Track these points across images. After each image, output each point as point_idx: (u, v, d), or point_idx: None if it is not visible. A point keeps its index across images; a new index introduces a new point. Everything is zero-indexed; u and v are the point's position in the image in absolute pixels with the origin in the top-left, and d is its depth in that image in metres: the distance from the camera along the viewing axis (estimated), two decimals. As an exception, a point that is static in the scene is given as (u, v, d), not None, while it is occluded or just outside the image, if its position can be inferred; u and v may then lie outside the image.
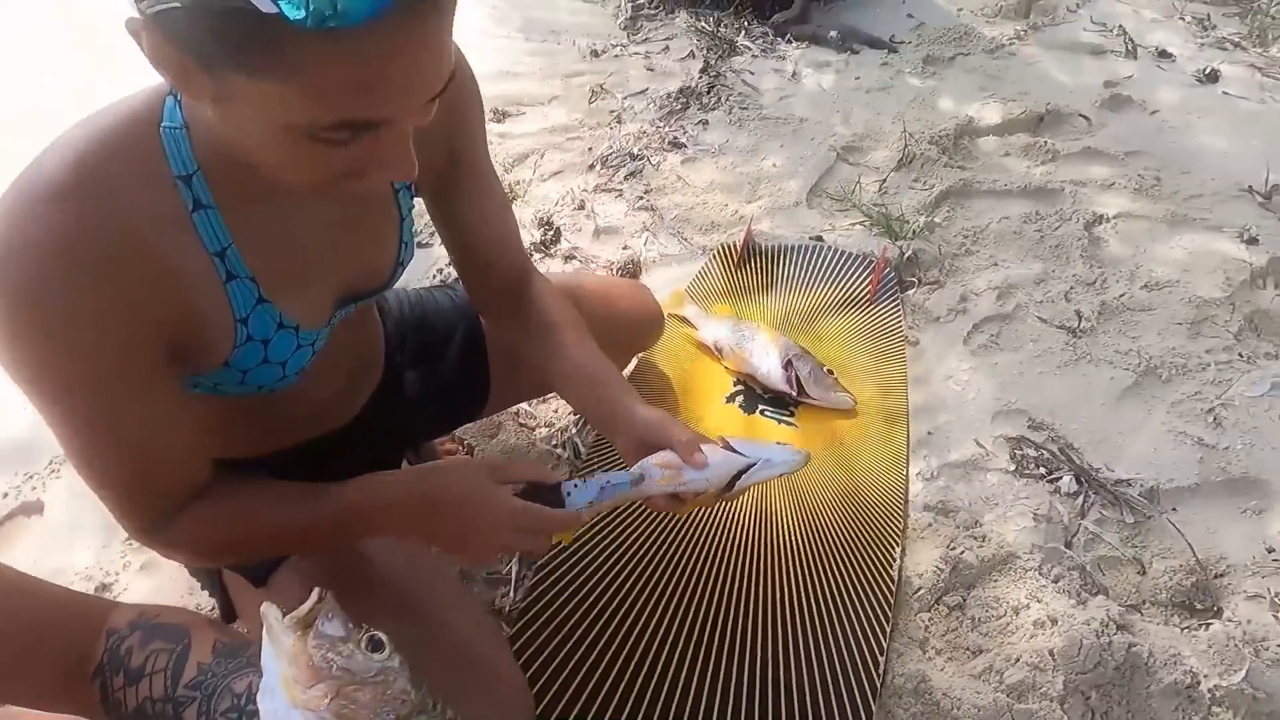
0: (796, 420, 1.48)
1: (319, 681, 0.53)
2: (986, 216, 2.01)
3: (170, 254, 0.67)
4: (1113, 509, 1.41)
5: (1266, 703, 1.17)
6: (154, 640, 0.69)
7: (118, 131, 0.65)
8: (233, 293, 0.72)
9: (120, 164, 0.64)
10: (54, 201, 0.61)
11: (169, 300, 0.68)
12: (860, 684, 1.14)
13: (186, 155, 0.67)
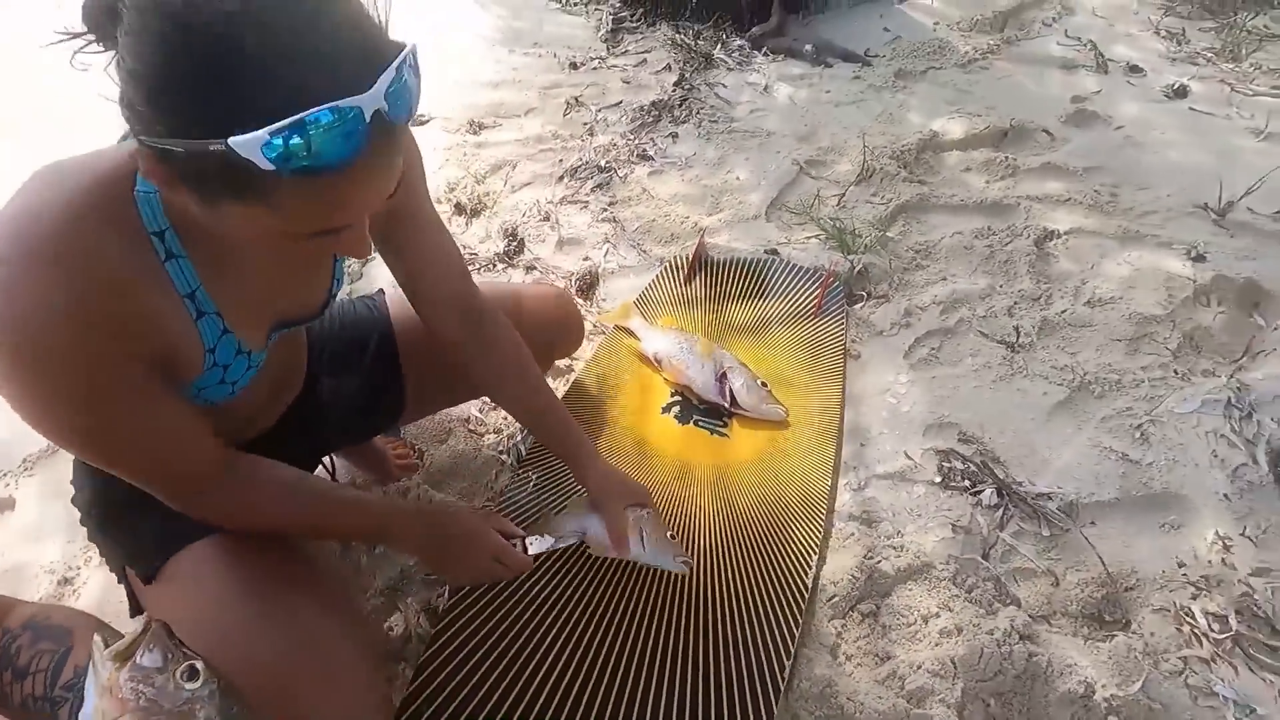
0: (729, 431, 1.53)
1: (124, 713, 0.58)
2: (940, 231, 2.05)
3: (148, 298, 0.78)
4: (1031, 522, 1.44)
5: (1162, 714, 1.20)
6: (41, 640, 0.75)
7: (94, 195, 0.74)
8: (202, 327, 0.84)
9: (97, 225, 0.73)
10: (44, 268, 0.70)
11: (150, 336, 0.79)
12: (764, 687, 1.19)
13: (159, 214, 0.77)
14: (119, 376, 0.78)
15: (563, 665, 1.18)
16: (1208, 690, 1.22)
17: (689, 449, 1.50)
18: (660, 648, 1.22)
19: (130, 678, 0.60)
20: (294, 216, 0.66)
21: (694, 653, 1.22)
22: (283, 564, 1.01)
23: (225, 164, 0.60)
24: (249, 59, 0.59)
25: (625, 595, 1.27)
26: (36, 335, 0.71)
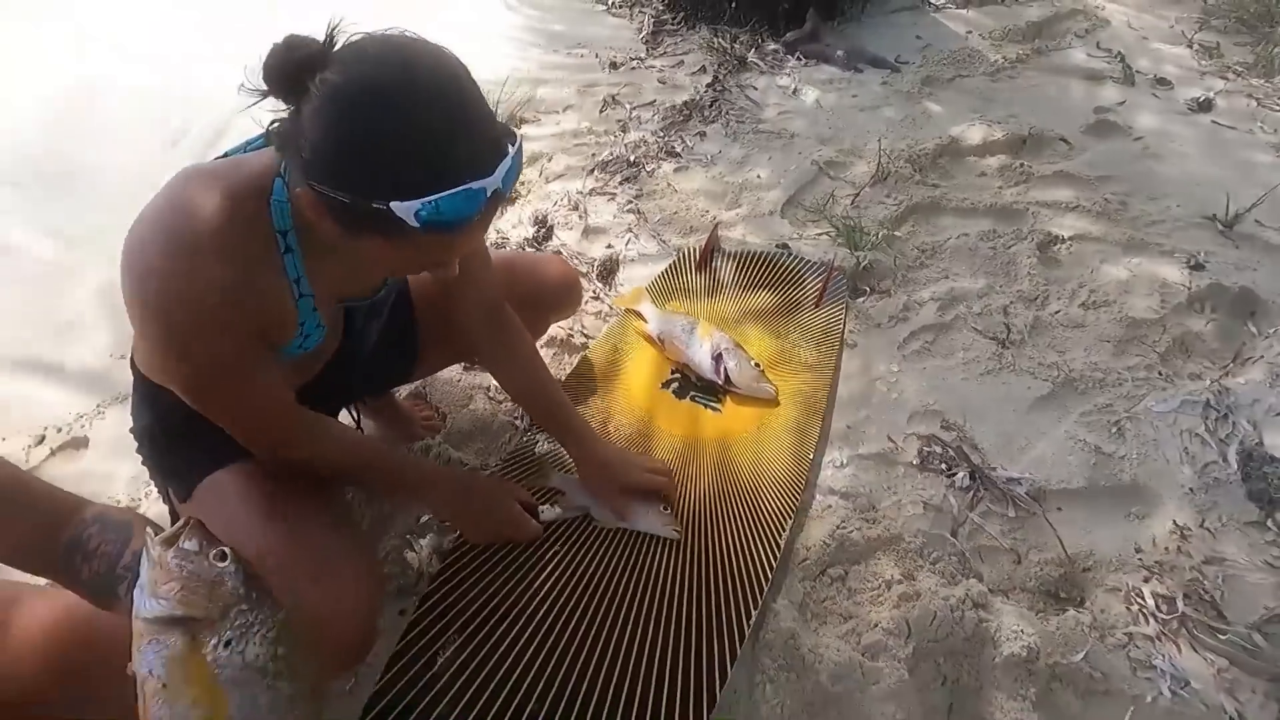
0: (722, 407, 1.66)
1: (170, 580, 0.74)
2: (947, 232, 2.14)
3: (268, 282, 1.01)
4: (1000, 504, 1.54)
5: (1101, 681, 1.29)
6: (106, 531, 0.92)
7: (238, 199, 0.96)
8: (300, 306, 1.06)
9: (240, 224, 0.95)
10: (196, 256, 0.93)
11: (267, 311, 1.02)
12: (732, 634, 1.31)
13: (285, 218, 0.99)
14: (240, 344, 1.00)
15: (550, 605, 1.32)
16: (1147, 664, 1.31)
17: (684, 422, 1.63)
18: (641, 600, 1.34)
19: (175, 556, 0.75)
20: (419, 254, 0.94)
21: (672, 604, 1.34)
22: (294, 488, 1.19)
23: (380, 216, 0.84)
24: (412, 146, 0.83)
25: (616, 555, 1.40)
26: (184, 307, 0.93)
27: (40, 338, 1.98)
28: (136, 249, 0.94)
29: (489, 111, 0.90)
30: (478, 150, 0.87)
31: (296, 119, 0.85)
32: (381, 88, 0.82)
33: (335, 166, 0.85)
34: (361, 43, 0.86)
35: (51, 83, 2.88)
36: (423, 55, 0.87)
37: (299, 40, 0.85)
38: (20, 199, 2.42)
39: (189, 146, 2.60)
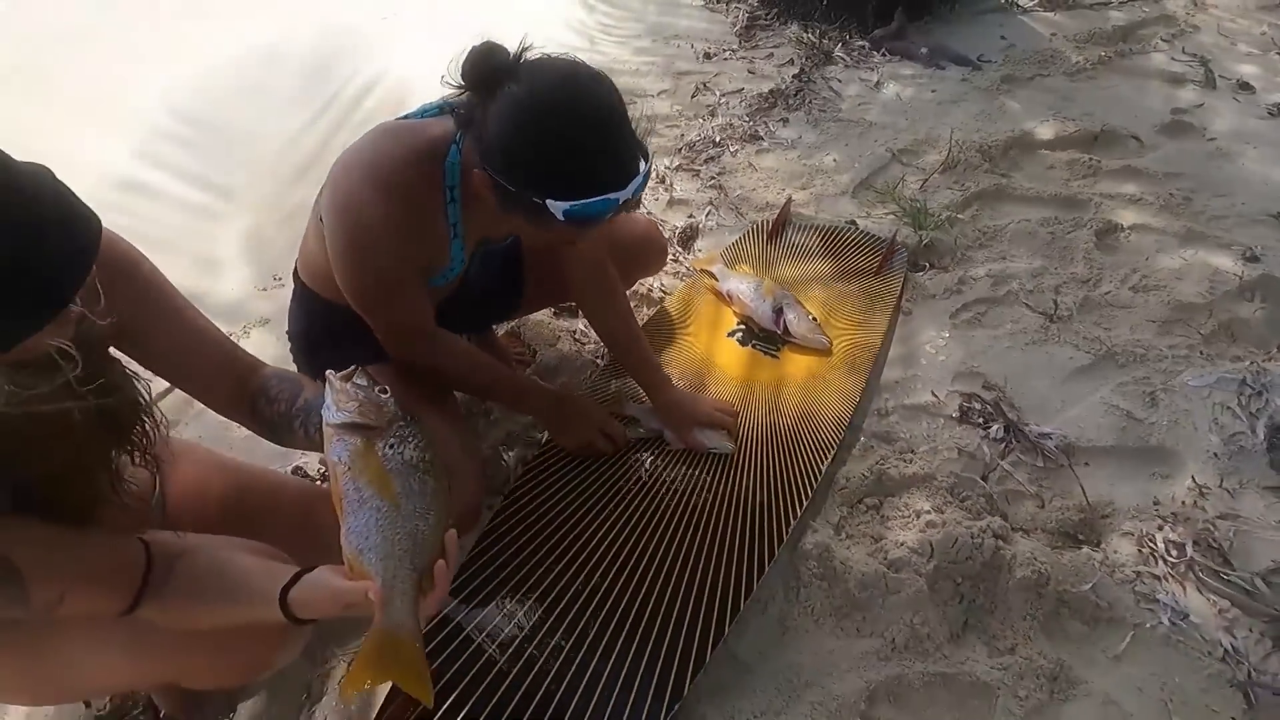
0: (779, 355, 1.85)
1: (350, 400, 0.99)
2: (1009, 218, 2.26)
3: (435, 223, 1.28)
4: (1030, 455, 1.68)
5: (1105, 610, 1.43)
6: (284, 381, 1.18)
7: (422, 154, 1.23)
8: (454, 247, 1.34)
9: (420, 175, 1.23)
10: (383, 193, 1.20)
11: (429, 244, 1.30)
12: (771, 541, 1.50)
13: (455, 177, 1.25)
14: (401, 266, 1.28)
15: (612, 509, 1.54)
16: (1151, 598, 1.44)
17: (745, 366, 1.83)
18: (696, 510, 1.55)
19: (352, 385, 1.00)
20: (554, 234, 1.19)
21: (723, 515, 1.54)
22: (418, 391, 1.45)
23: (535, 206, 1.10)
24: (570, 160, 1.10)
25: (677, 473, 1.61)
26: (369, 231, 1.22)
27: (190, 273, 2.31)
28: (342, 179, 1.24)
29: (631, 131, 1.15)
30: (619, 167, 1.12)
31: (482, 111, 1.12)
32: (553, 107, 1.09)
33: (508, 161, 1.11)
34: (543, 63, 1.14)
35: (224, 51, 3.28)
36: (588, 81, 1.14)
37: (495, 48, 1.13)
38: (182, 154, 2.79)
39: (332, 118, 2.92)
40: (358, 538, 0.93)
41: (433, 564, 0.94)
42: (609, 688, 1.30)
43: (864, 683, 1.35)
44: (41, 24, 3.61)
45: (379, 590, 0.90)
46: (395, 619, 0.91)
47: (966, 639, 1.43)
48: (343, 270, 1.28)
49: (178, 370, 1.12)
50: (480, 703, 1.27)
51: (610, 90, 1.15)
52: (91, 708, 1.40)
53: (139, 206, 2.52)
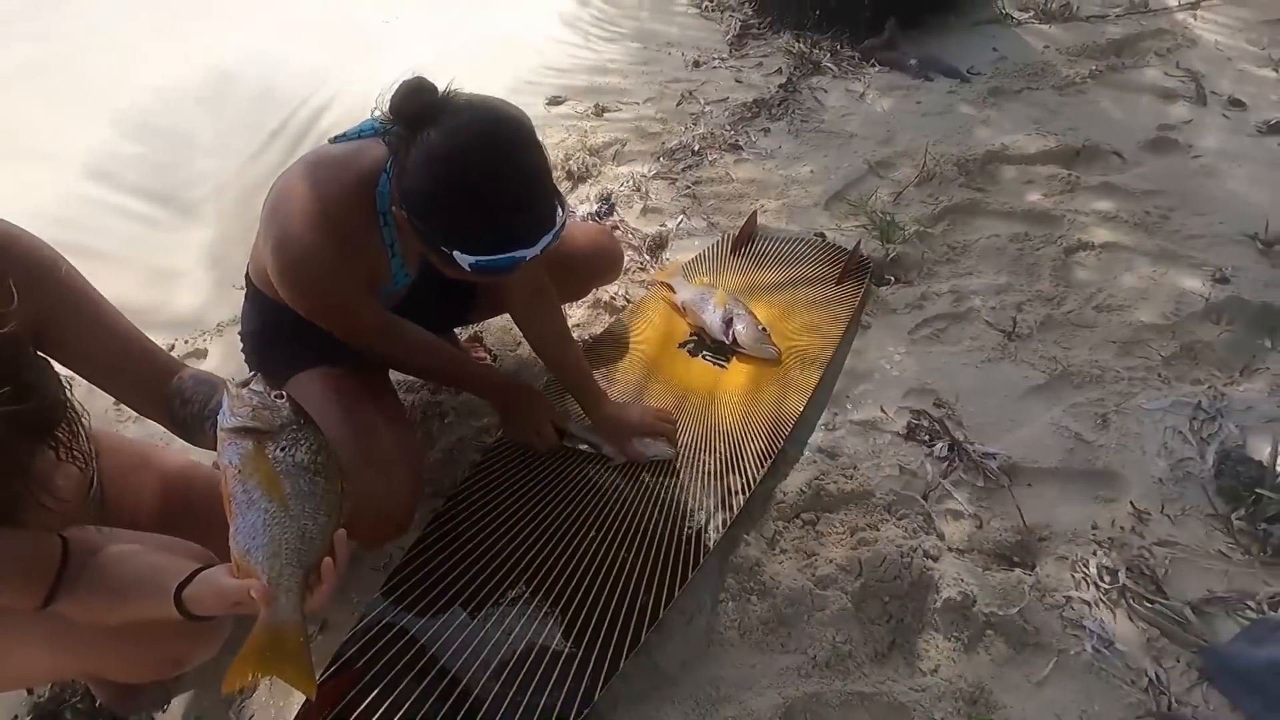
0: (727, 365, 1.85)
1: (244, 406, 1.01)
2: (980, 233, 2.24)
3: (370, 247, 1.33)
4: (972, 475, 1.66)
5: (1031, 635, 1.42)
6: (200, 385, 1.20)
7: (354, 186, 1.27)
8: (393, 265, 1.38)
9: (351, 207, 1.27)
10: (315, 229, 1.24)
11: (369, 266, 1.35)
12: (698, 548, 1.51)
13: (385, 203, 1.28)
14: (345, 287, 1.31)
15: (549, 513, 1.56)
16: (1078, 623, 1.43)
17: (693, 376, 1.84)
18: (627, 514, 1.57)
19: (248, 391, 1.02)
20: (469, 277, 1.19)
21: (655, 522, 1.55)
22: (365, 393, 1.49)
23: (444, 253, 1.14)
24: (479, 219, 1.13)
25: (613, 478, 1.64)
26: (305, 263, 1.26)
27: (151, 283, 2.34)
28: (279, 212, 1.28)
29: (547, 186, 1.18)
30: (529, 226, 1.15)
31: (405, 149, 1.16)
32: (466, 164, 1.11)
33: (421, 208, 1.15)
34: (465, 111, 1.15)
35: (188, 71, 3.33)
36: (507, 136, 1.15)
37: (422, 86, 1.16)
38: (140, 165, 2.85)
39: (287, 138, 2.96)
40: (245, 538, 0.95)
41: (319, 561, 0.97)
42: (523, 689, 1.32)
43: (781, 699, 1.35)
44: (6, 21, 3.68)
45: (263, 588, 0.92)
46: (280, 615, 0.93)
47: (891, 658, 1.42)
48: (286, 295, 1.32)
49: (97, 370, 1.15)
50: (398, 698, 1.30)
51: (529, 143, 1.17)
52: (32, 694, 1.45)
53: (94, 220, 2.57)
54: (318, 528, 0.98)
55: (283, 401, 1.03)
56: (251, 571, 0.94)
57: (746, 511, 1.60)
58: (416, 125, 1.14)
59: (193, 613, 0.98)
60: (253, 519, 0.95)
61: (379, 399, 1.56)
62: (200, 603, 0.98)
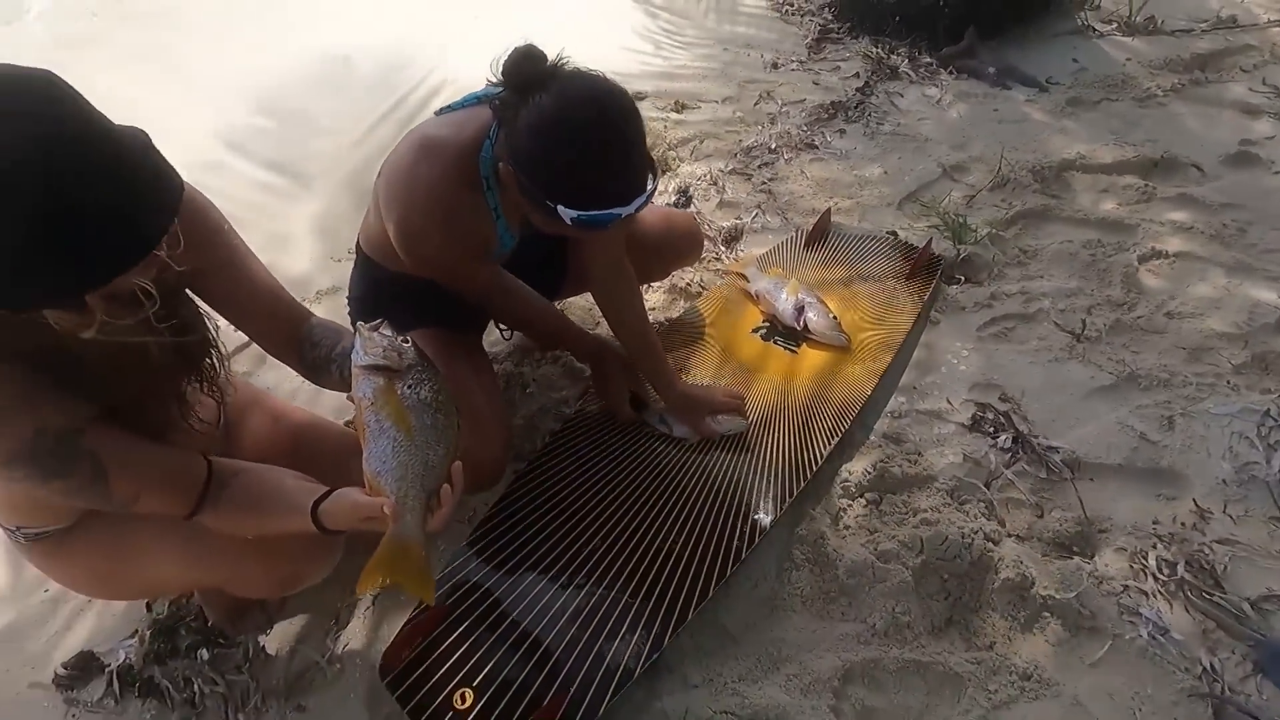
0: (798, 351, 1.93)
1: (375, 346, 1.13)
2: (1052, 238, 2.28)
3: (476, 216, 1.44)
4: (1035, 467, 1.71)
5: (1087, 619, 1.47)
6: (327, 331, 1.33)
7: (457, 161, 1.38)
8: (499, 227, 1.48)
9: (457, 183, 1.38)
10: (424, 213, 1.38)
11: (477, 234, 1.46)
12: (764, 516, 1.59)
13: (489, 169, 1.39)
14: (458, 255, 1.45)
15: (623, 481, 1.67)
16: (1134, 611, 1.47)
17: (764, 359, 1.92)
18: (695, 484, 1.66)
19: (378, 334, 1.14)
20: (566, 232, 1.30)
21: (722, 493, 1.65)
22: (464, 356, 1.62)
23: (548, 207, 1.24)
24: (583, 177, 1.23)
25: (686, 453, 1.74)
26: (419, 242, 1.41)
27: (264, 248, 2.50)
28: (394, 181, 1.41)
29: (644, 151, 1.28)
30: (627, 186, 1.25)
31: (514, 112, 1.27)
32: (575, 125, 1.22)
33: (530, 165, 1.25)
34: (574, 78, 1.27)
35: (311, 55, 3.53)
36: (611, 103, 1.25)
37: (533, 53, 1.28)
38: (264, 139, 3.05)
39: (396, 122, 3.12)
40: (377, 461, 1.07)
41: (439, 487, 1.09)
42: (596, 633, 1.42)
43: (840, 662, 1.43)
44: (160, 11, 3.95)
45: (393, 505, 1.04)
46: (405, 531, 1.06)
47: (947, 633, 1.49)
48: (410, 265, 1.47)
49: (239, 313, 1.29)
50: (480, 638, 1.41)
51: (631, 113, 1.27)
52: (152, 611, 1.60)
53: (219, 185, 2.75)
54: (438, 457, 1.09)
55: (408, 345, 1.15)
56: (381, 491, 1.06)
57: (812, 489, 1.68)
58: (527, 89, 1.25)
59: (327, 526, 1.11)
60: (383, 445, 1.07)
61: (474, 363, 1.69)
62: (335, 516, 1.10)
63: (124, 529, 1.24)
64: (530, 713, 1.31)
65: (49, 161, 0.82)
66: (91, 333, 0.95)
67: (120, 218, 0.88)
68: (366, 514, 1.07)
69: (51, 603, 1.64)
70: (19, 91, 0.82)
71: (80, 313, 0.93)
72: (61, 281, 0.86)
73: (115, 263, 0.89)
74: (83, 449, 1.00)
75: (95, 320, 0.94)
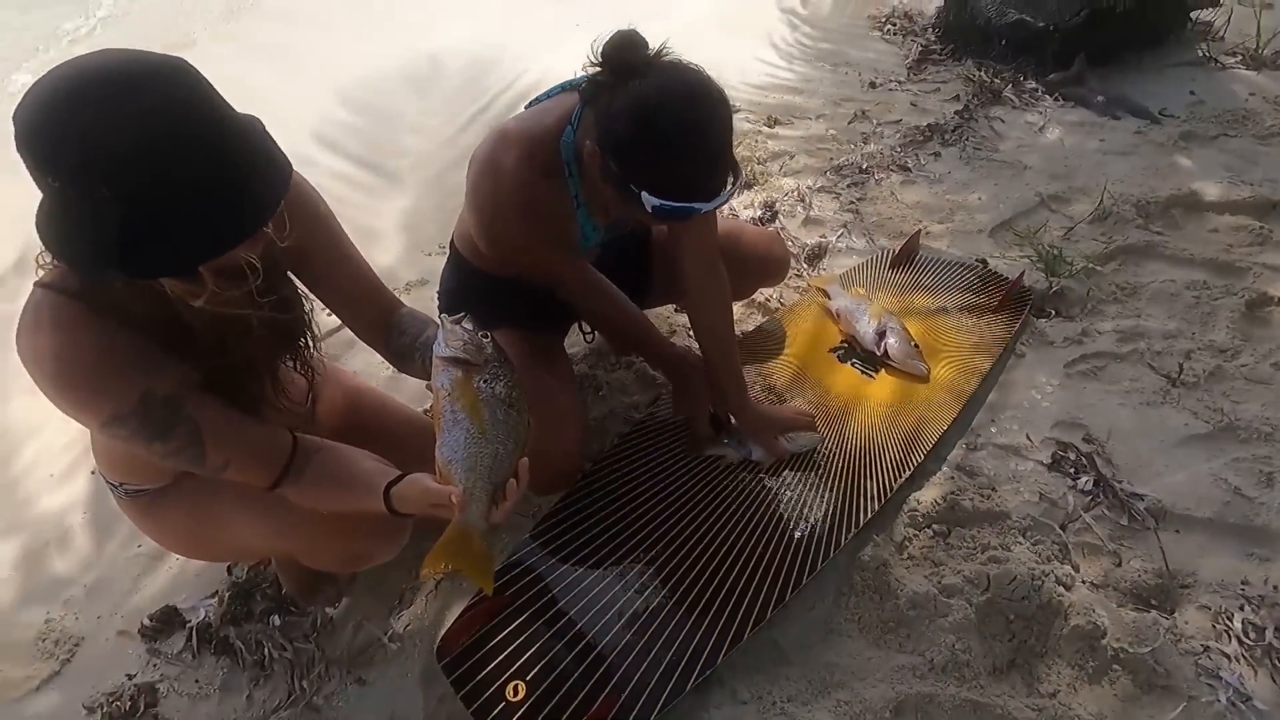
0: (875, 376, 1.90)
1: (456, 340, 1.17)
2: (1153, 276, 2.18)
3: (558, 198, 1.46)
4: (1116, 512, 1.64)
5: (1162, 677, 1.40)
6: (415, 321, 1.39)
7: (540, 142, 1.41)
8: (580, 215, 1.50)
9: (538, 174, 1.41)
10: (515, 196, 1.40)
11: (557, 218, 1.48)
12: (829, 544, 1.57)
13: (569, 156, 1.41)
14: (539, 244, 1.47)
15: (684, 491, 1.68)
16: (1214, 673, 1.40)
17: (840, 380, 1.90)
18: (762, 507, 1.66)
19: (459, 327, 1.19)
20: (644, 219, 1.32)
21: (786, 514, 1.64)
22: (542, 355, 1.67)
23: (631, 191, 1.26)
24: (672, 167, 1.25)
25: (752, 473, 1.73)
26: (501, 234, 1.45)
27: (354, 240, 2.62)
28: (478, 177, 1.45)
29: (731, 155, 1.30)
30: (712, 184, 1.27)
31: (609, 93, 1.29)
32: (671, 116, 1.23)
33: (620, 148, 1.27)
34: (675, 69, 1.28)
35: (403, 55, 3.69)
36: (707, 99, 1.26)
37: (637, 39, 1.29)
38: (355, 135, 3.18)
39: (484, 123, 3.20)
40: (449, 450, 1.11)
41: (506, 481, 1.13)
42: (652, 641, 1.43)
43: (894, 693, 1.40)
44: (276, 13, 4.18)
45: (460, 495, 1.08)
46: (470, 520, 1.10)
47: (1009, 676, 1.44)
48: (497, 262, 1.54)
49: (334, 296, 1.35)
50: (536, 632, 1.44)
51: (726, 112, 1.29)
52: (232, 574, 1.69)
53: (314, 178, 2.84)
54: (507, 452, 1.13)
55: (488, 341, 1.19)
56: (450, 480, 1.10)
57: (878, 516, 1.65)
58: (626, 74, 1.26)
59: (397, 509, 1.15)
60: (457, 436, 1.11)
61: (554, 364, 1.72)
62: (405, 500, 1.14)
63: (211, 495, 1.31)
64: (581, 713, 1.33)
65: (175, 140, 0.88)
66: (201, 301, 1.01)
67: (235, 194, 0.94)
68: (435, 500, 1.11)
69: (144, 559, 1.75)
70: (150, 75, 0.89)
71: (193, 282, 0.99)
72: (181, 251, 0.93)
73: (229, 236, 0.95)
74: (184, 414, 1.07)
75: (206, 290, 1.00)
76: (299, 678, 1.51)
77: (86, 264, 0.93)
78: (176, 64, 0.92)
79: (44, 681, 1.57)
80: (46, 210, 0.92)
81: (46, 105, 0.86)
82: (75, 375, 1.01)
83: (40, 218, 0.93)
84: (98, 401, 1.02)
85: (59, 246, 0.93)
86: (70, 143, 0.85)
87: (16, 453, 2.05)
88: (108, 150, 0.85)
